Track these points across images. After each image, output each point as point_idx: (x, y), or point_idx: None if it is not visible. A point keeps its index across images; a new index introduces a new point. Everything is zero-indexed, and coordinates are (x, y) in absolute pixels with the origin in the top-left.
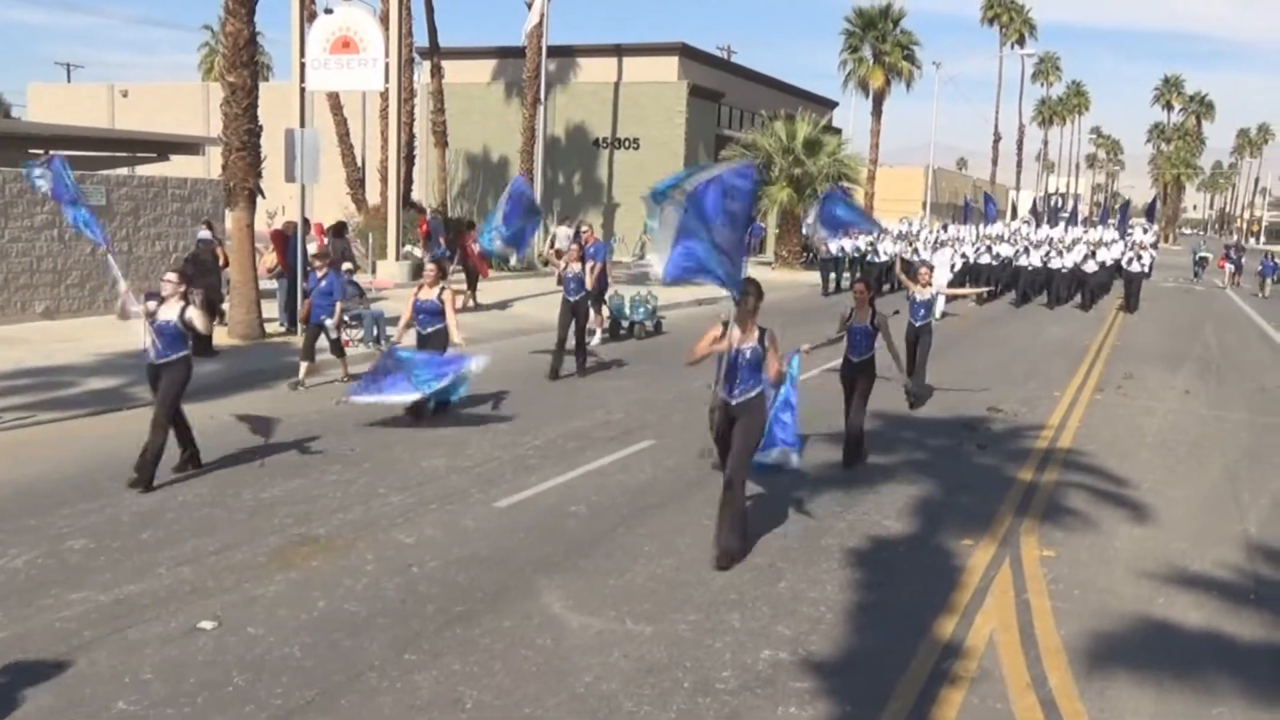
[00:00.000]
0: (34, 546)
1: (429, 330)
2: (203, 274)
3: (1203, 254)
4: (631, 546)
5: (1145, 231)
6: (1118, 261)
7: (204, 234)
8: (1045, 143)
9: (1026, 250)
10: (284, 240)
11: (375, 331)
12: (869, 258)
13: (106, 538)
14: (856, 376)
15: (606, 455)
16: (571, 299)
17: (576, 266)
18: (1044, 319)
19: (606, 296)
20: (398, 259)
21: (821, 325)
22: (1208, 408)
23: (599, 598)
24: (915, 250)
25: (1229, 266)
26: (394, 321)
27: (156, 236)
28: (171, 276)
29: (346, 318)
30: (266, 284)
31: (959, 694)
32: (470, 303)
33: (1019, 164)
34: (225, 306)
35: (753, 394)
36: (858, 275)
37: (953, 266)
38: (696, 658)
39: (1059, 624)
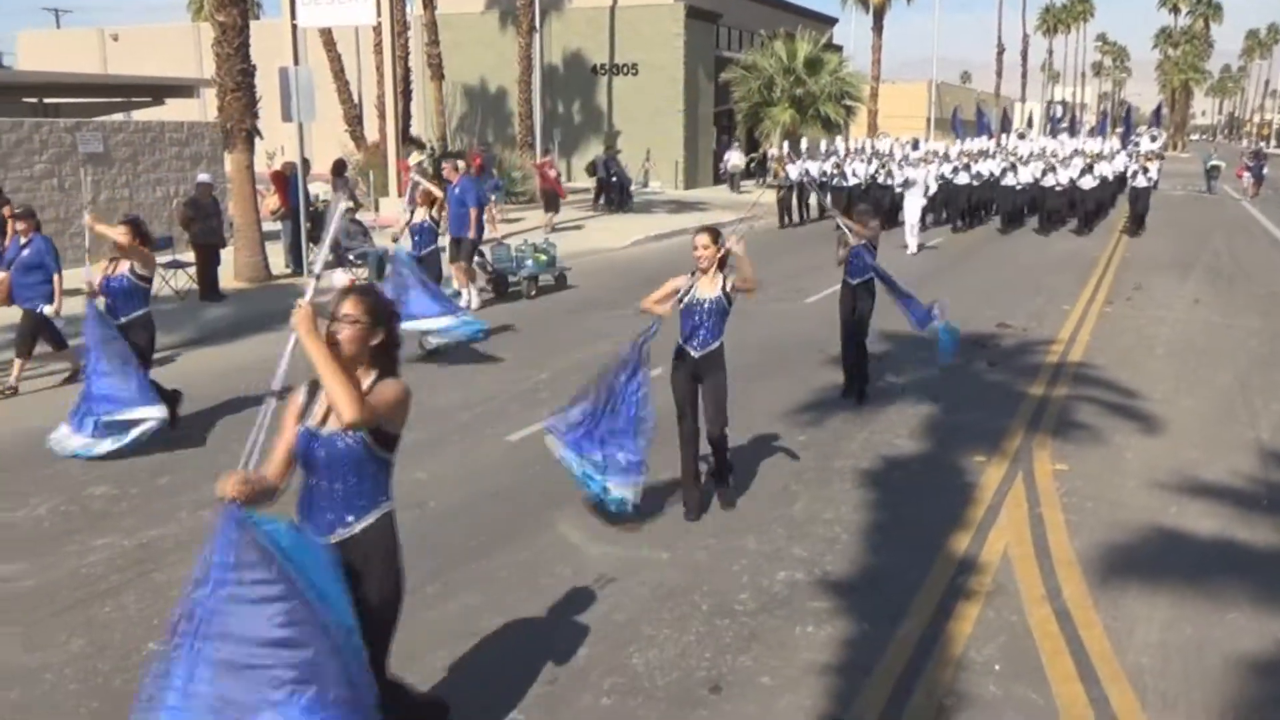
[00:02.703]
0: (55, 495)
1: (125, 319)
2: (203, 217)
3: (1214, 162)
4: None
5: (1154, 140)
6: (1120, 175)
7: (203, 177)
8: (1050, 52)
9: (1014, 167)
10: (284, 181)
11: (380, 270)
12: (836, 182)
13: (126, 484)
14: (701, 375)
15: None
16: (418, 254)
17: (424, 213)
18: (1046, 236)
19: (487, 248)
20: (400, 195)
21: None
22: (1218, 315)
23: (614, 526)
24: (890, 172)
25: (1247, 176)
26: None
27: (157, 182)
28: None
29: (352, 256)
30: (270, 226)
31: (975, 608)
32: (552, 226)
33: (1024, 75)
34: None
35: None
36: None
37: (927, 189)
38: (714, 581)
39: (1072, 537)
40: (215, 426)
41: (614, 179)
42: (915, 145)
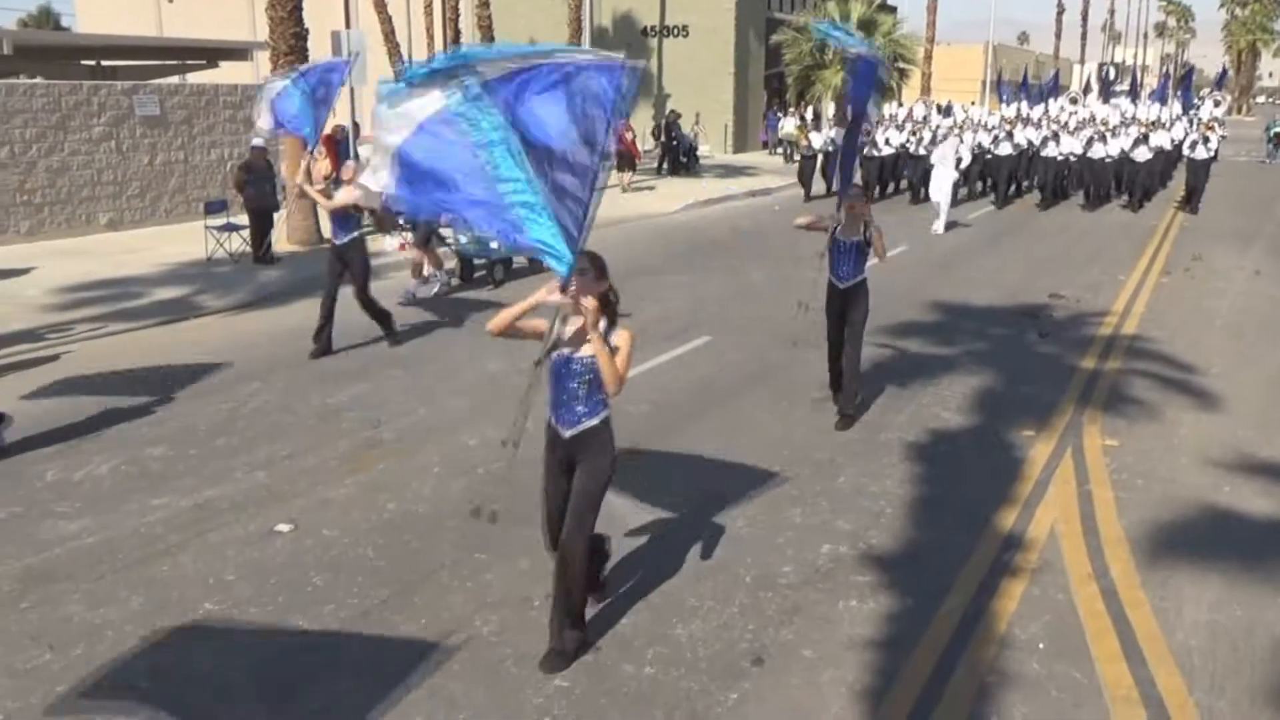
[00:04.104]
0: (116, 454)
1: None
2: (257, 181)
3: (1278, 129)
4: (692, 444)
5: (1217, 105)
6: (1178, 145)
7: (257, 141)
8: (1111, 12)
9: (1056, 136)
10: (335, 145)
11: (428, 233)
12: (866, 150)
13: (183, 445)
14: (575, 461)
15: (665, 352)
16: (338, 241)
17: (347, 193)
18: (1092, 213)
19: (444, 230)
20: None
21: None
22: None
23: (661, 496)
24: (921, 140)
25: None
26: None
27: (211, 144)
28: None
29: (401, 220)
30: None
31: (1020, 585)
32: (629, 185)
33: (1083, 36)
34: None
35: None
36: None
37: (959, 161)
38: (757, 553)
39: (1121, 514)
40: (268, 389)
41: (675, 142)
42: (946, 112)
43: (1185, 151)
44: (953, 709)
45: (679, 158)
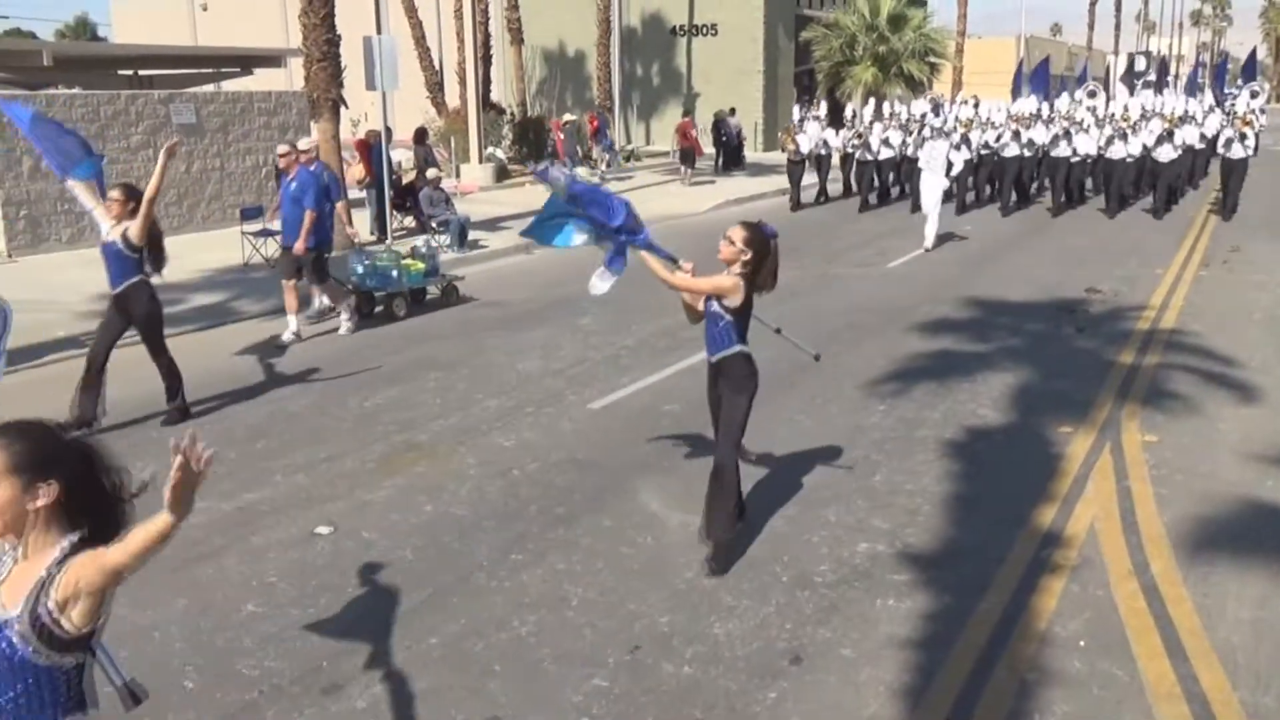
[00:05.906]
0: (159, 459)
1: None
2: None
3: None
4: None
5: (1255, 95)
6: (1211, 142)
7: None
8: (1146, 1)
9: (1068, 133)
10: (369, 149)
11: (462, 237)
12: (859, 154)
13: (223, 448)
14: None
15: (698, 353)
16: (115, 288)
17: (119, 230)
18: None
19: (336, 259)
20: (481, 161)
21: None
22: None
23: (696, 496)
24: (922, 141)
25: None
26: (481, 225)
27: (246, 151)
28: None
29: (434, 224)
30: (355, 194)
31: (1059, 582)
32: (688, 179)
33: (1117, 25)
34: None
35: None
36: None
37: (949, 168)
38: (794, 552)
39: (1162, 510)
40: (305, 392)
41: (724, 139)
42: (936, 110)
43: (1220, 149)
44: (993, 707)
45: (727, 155)
